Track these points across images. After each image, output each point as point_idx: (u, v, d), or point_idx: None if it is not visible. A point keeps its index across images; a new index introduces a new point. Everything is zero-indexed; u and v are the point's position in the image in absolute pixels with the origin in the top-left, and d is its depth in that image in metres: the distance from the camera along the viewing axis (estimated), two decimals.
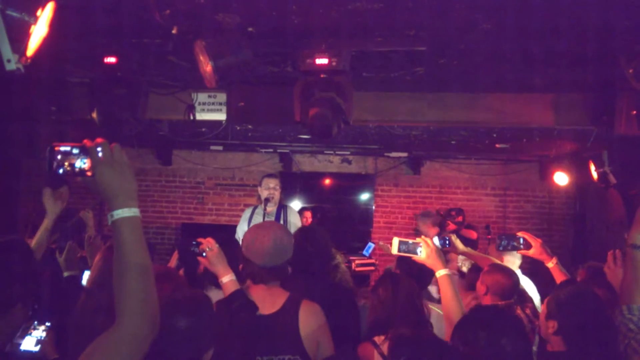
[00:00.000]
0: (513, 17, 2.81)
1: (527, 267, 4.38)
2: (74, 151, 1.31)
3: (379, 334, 2.33)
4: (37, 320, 2.26)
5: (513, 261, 3.68)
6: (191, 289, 2.19)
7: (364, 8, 2.78)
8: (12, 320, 1.52)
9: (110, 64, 3.52)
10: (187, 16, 2.97)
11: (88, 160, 1.30)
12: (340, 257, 3.24)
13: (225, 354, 1.91)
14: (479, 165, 7.94)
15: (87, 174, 1.31)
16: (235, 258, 2.36)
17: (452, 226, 5.92)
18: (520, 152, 7.17)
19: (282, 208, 4.65)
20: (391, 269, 3.49)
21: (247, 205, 5.88)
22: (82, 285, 2.81)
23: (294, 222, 4.53)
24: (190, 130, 5.83)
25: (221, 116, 4.65)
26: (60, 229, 2.97)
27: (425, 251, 2.38)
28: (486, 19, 2.89)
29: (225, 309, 2.12)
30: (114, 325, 1.24)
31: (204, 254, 2.24)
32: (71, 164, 1.31)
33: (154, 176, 8.22)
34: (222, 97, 4.61)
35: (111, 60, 3.51)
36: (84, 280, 2.88)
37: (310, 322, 2.19)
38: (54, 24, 2.12)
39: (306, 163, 8.16)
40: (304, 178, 8.04)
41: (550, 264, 2.81)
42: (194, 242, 2.29)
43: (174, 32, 3.07)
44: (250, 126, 5.73)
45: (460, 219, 6.21)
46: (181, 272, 2.82)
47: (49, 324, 2.28)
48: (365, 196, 8.08)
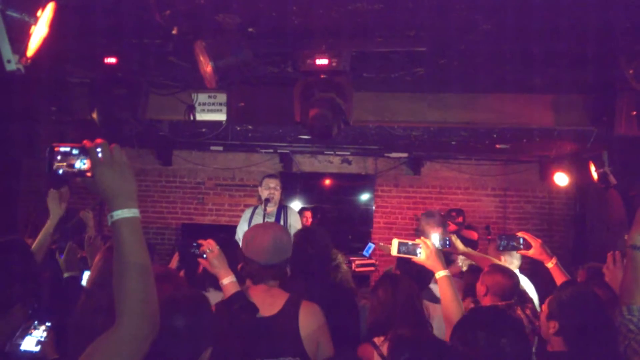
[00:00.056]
0: (513, 17, 2.81)
1: (527, 267, 4.37)
2: (74, 152, 1.31)
3: (379, 335, 2.34)
4: (37, 320, 2.26)
5: (511, 261, 3.68)
6: (189, 289, 2.19)
7: (364, 8, 2.78)
8: (11, 320, 1.53)
9: (110, 64, 3.53)
10: (187, 16, 2.97)
11: (88, 161, 1.30)
12: (341, 258, 3.24)
13: (225, 355, 1.91)
14: (479, 165, 7.94)
15: (86, 174, 1.31)
16: (236, 260, 2.36)
17: (452, 227, 5.91)
18: (520, 152, 7.17)
19: (282, 208, 4.64)
20: (391, 271, 3.48)
21: (247, 206, 5.87)
22: (82, 285, 2.81)
23: (294, 224, 4.52)
24: (190, 130, 5.83)
25: (221, 116, 4.65)
26: (61, 229, 2.97)
27: (424, 252, 2.38)
28: (486, 19, 2.89)
29: (225, 310, 2.12)
30: (114, 326, 1.24)
31: (205, 255, 2.24)
32: (71, 164, 1.31)
33: (154, 176, 8.22)
34: (222, 97, 4.62)
35: (111, 60, 3.52)
36: (84, 281, 2.88)
37: (310, 322, 2.19)
38: (54, 24, 2.12)
39: (306, 163, 8.16)
40: (304, 178, 8.04)
41: (550, 264, 2.80)
42: (195, 244, 2.28)
43: (174, 32, 3.07)
44: (250, 126, 5.73)
45: (461, 219, 6.20)
46: (182, 273, 2.82)
47: (49, 324, 2.27)
48: (365, 196, 8.08)
